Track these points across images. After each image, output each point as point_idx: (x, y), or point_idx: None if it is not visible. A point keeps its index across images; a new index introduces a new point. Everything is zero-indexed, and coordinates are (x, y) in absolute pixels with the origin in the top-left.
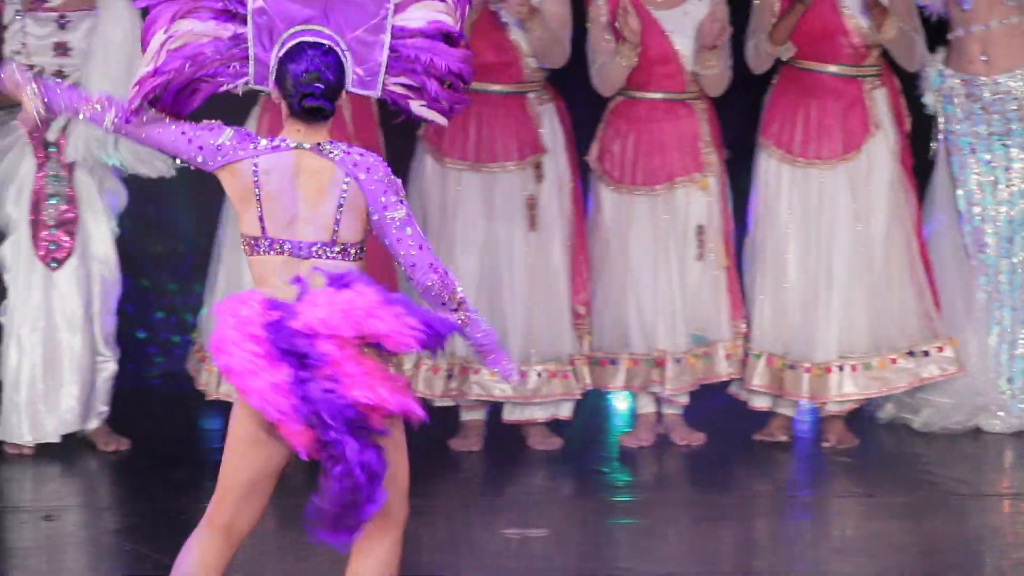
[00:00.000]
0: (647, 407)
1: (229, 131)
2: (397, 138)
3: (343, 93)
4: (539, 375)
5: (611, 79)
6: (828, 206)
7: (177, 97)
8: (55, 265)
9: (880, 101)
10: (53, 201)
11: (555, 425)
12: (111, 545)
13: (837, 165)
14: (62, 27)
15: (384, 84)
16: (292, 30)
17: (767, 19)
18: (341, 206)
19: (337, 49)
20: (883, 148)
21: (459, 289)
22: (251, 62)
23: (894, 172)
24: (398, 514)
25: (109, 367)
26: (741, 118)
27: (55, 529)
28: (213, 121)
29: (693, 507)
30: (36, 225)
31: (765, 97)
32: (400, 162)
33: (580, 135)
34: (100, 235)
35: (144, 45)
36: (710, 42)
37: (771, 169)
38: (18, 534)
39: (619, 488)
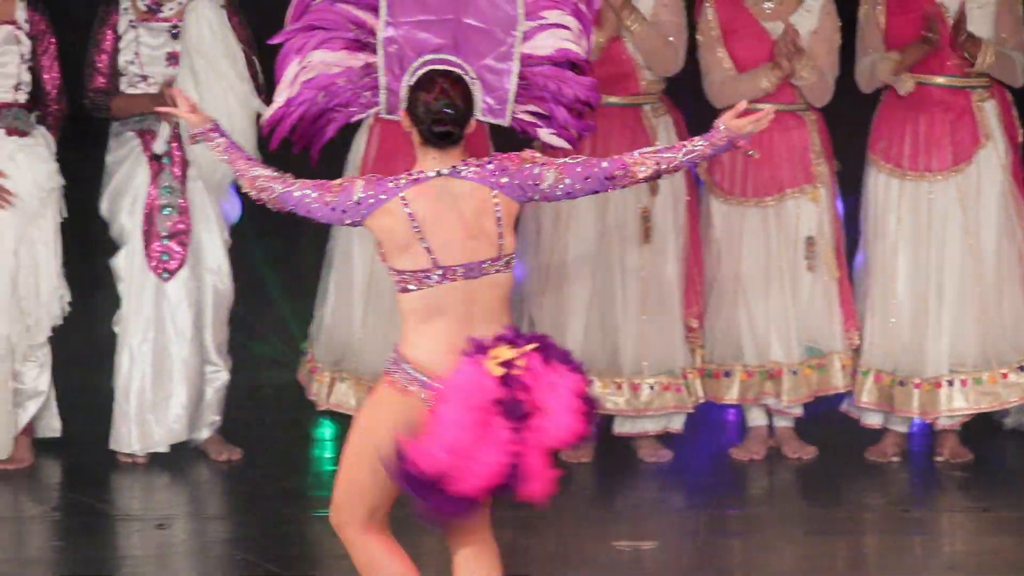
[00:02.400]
0: (758, 420)
1: (360, 182)
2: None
3: (472, 120)
4: (651, 388)
5: (740, 98)
6: (938, 219)
7: (311, 128)
8: (167, 276)
9: (990, 112)
10: (166, 212)
11: (665, 438)
12: (222, 555)
13: (947, 178)
14: (175, 37)
15: (513, 112)
16: (422, 59)
17: (874, 36)
18: (500, 219)
19: (466, 77)
20: (993, 160)
21: (636, 159)
22: (382, 91)
23: (1005, 184)
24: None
25: (221, 377)
26: (852, 128)
27: (166, 538)
28: (343, 179)
29: (804, 521)
30: (149, 236)
31: (874, 111)
32: None
33: None
34: (213, 246)
35: (277, 78)
36: (780, 60)
37: (880, 183)
38: (129, 542)
39: (730, 501)
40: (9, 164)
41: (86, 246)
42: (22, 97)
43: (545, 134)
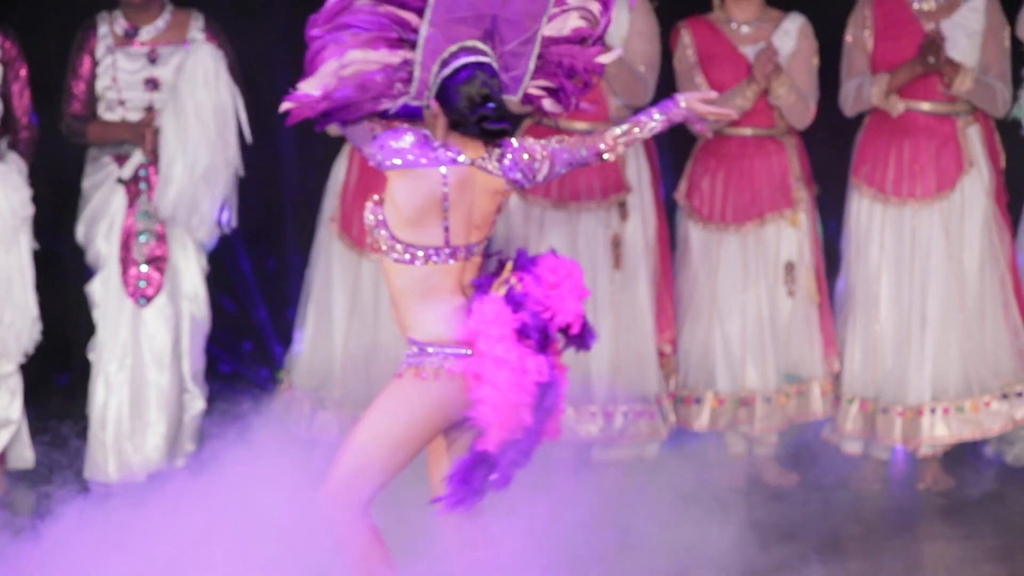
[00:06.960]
0: (737, 447)
1: (410, 136)
2: None
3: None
4: (625, 415)
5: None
6: (921, 245)
7: (338, 114)
8: (144, 302)
9: (974, 138)
10: (143, 238)
11: (640, 464)
12: None
13: (931, 204)
14: (152, 62)
15: (525, 88)
16: (452, 48)
17: (861, 59)
18: (500, 208)
19: (495, 67)
20: (977, 186)
21: (608, 146)
22: (415, 82)
23: (988, 210)
24: None
25: (197, 405)
26: (833, 153)
27: None
28: (401, 124)
29: (785, 550)
30: (126, 262)
31: (856, 136)
32: None
33: (665, 172)
34: (190, 272)
35: (311, 68)
36: (759, 78)
37: (863, 208)
38: None
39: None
40: None
41: (59, 273)
42: None
43: (549, 104)
